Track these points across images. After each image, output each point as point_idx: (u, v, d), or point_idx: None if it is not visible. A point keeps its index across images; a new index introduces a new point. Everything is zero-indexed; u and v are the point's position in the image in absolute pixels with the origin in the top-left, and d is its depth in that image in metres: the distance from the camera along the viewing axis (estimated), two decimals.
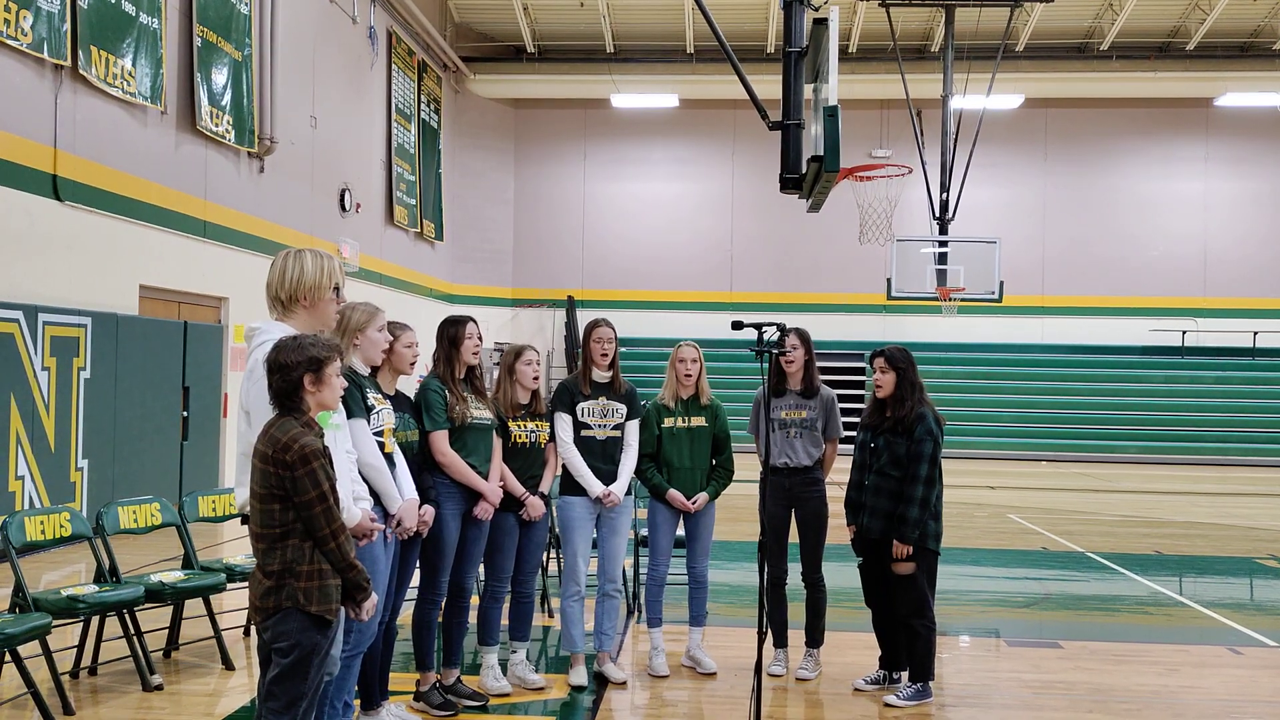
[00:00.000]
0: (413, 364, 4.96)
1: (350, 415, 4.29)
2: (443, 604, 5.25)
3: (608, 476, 5.64)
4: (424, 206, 21.69)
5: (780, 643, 5.95)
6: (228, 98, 13.23)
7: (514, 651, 5.63)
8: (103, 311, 10.46)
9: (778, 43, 22.39)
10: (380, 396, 4.64)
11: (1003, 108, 23.11)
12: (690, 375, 5.87)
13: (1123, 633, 7.43)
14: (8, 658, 4.81)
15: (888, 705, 5.40)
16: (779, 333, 5.29)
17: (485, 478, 5.20)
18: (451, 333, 5.26)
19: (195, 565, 6.13)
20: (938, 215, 18.25)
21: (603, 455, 5.65)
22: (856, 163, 18.93)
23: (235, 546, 9.03)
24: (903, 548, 5.38)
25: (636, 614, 6.99)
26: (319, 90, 16.30)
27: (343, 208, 17.34)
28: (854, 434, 5.80)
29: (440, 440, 5.08)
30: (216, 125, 12.93)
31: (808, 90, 7.17)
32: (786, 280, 24.95)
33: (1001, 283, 18.16)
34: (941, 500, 5.54)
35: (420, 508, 4.76)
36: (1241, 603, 8.64)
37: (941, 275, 18.05)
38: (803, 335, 5.90)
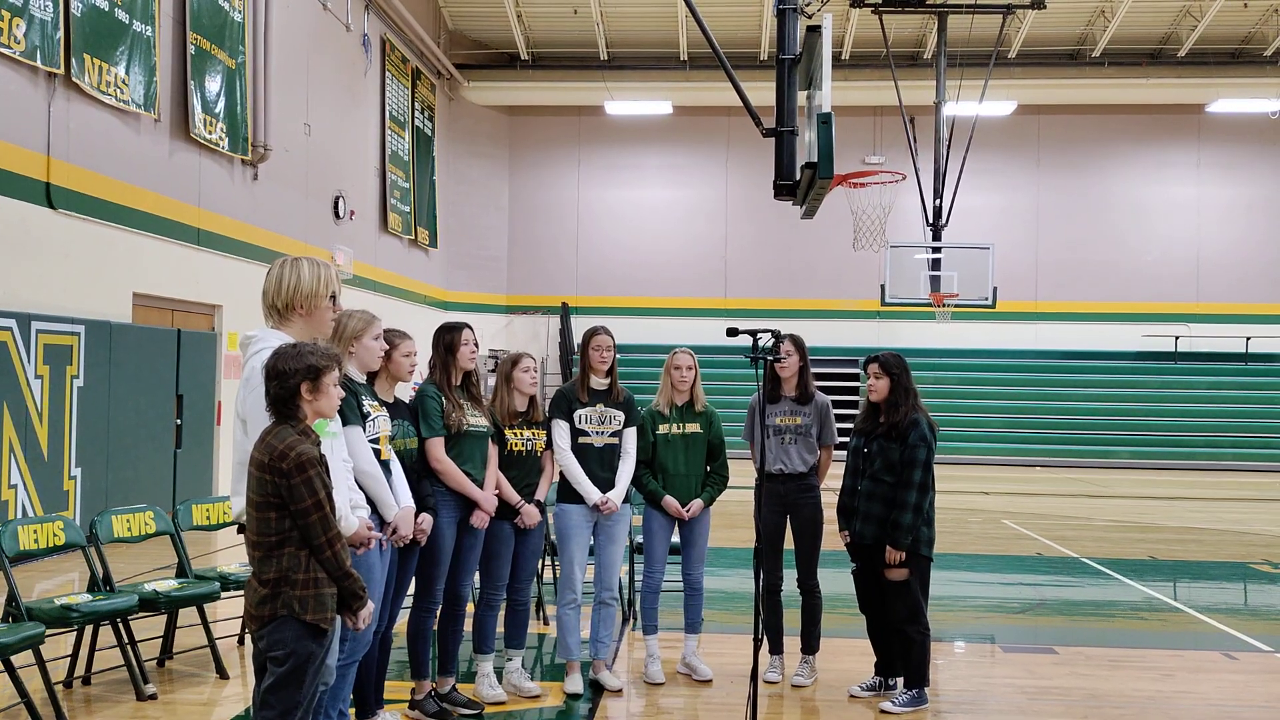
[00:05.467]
0: (411, 372, 4.96)
1: (345, 423, 4.28)
2: (438, 612, 5.24)
3: (605, 484, 5.63)
4: (418, 214, 21.69)
5: (776, 649, 5.94)
6: (221, 105, 13.22)
7: (509, 659, 5.62)
8: (96, 319, 10.43)
9: (771, 50, 22.42)
10: (376, 403, 4.63)
11: (995, 114, 23.18)
12: (685, 381, 5.86)
13: (1117, 638, 7.43)
14: (1, 667, 4.78)
15: (883, 712, 5.40)
16: (773, 339, 5.30)
17: (480, 485, 5.20)
18: (447, 339, 5.25)
19: (189, 574, 6.11)
20: (931, 221, 18.31)
21: (600, 463, 5.64)
22: (850, 169, 19.00)
23: (229, 555, 9.00)
24: (895, 554, 5.38)
25: (632, 621, 6.98)
26: (313, 97, 16.30)
27: (337, 215, 17.33)
28: (848, 439, 5.81)
29: (436, 447, 5.07)
30: (210, 133, 12.92)
31: (801, 97, 7.19)
32: (781, 286, 24.98)
33: (995, 288, 18.22)
34: (934, 506, 5.55)
35: (418, 516, 4.75)
36: (1236, 608, 8.66)
37: (935, 281, 18.11)
38: (797, 341, 5.90)
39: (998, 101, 22.11)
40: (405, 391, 5.19)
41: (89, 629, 5.61)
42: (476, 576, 5.51)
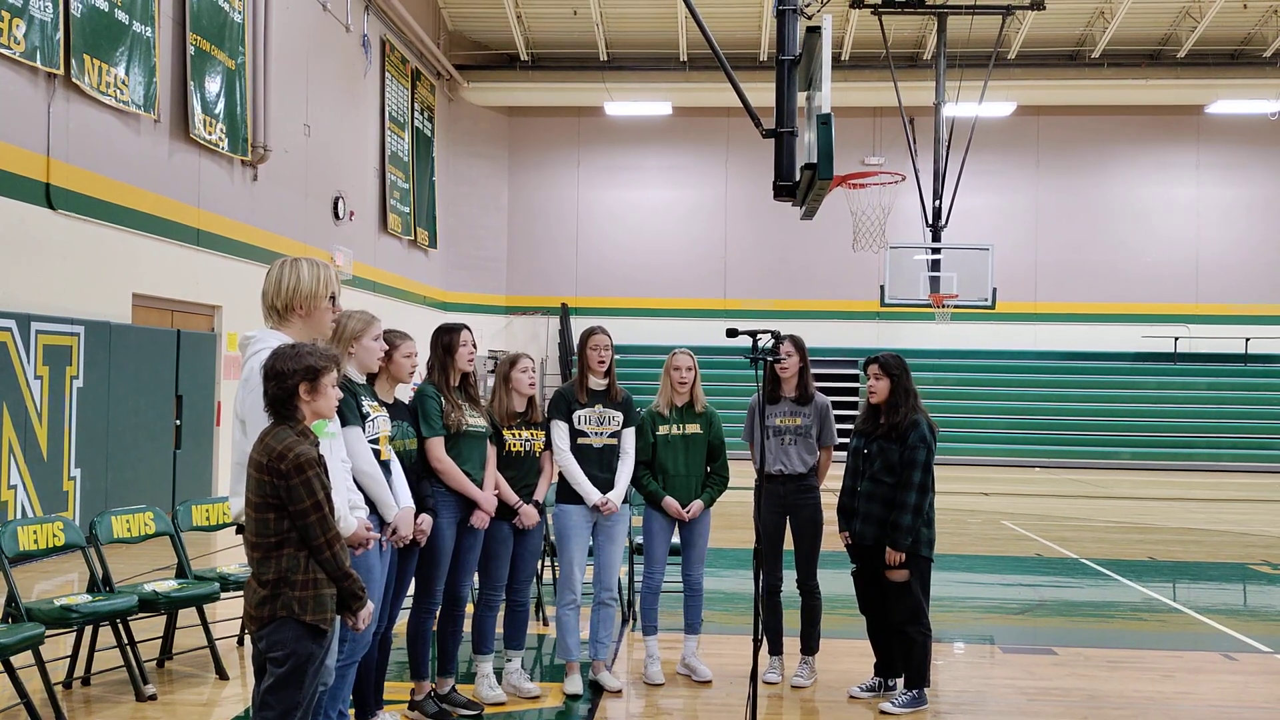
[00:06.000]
0: (411, 373, 4.96)
1: (345, 423, 4.28)
2: (437, 613, 5.24)
3: (604, 484, 5.63)
4: (418, 214, 21.69)
5: (775, 650, 5.94)
6: (221, 106, 13.22)
7: (509, 660, 5.63)
8: (96, 320, 10.43)
9: (771, 50, 22.39)
10: (376, 404, 4.63)
11: (995, 115, 23.19)
12: (685, 382, 5.86)
13: (1117, 639, 7.43)
14: (1, 668, 4.78)
15: (883, 713, 5.40)
16: (773, 340, 5.30)
17: (480, 486, 5.20)
18: (446, 340, 5.26)
19: (189, 574, 6.11)
20: (931, 222, 18.32)
21: (599, 463, 5.64)
22: (849, 170, 19.01)
23: (229, 555, 9.00)
24: (896, 554, 5.38)
25: (632, 622, 6.98)
26: (312, 98, 16.30)
27: (336, 216, 17.33)
28: (848, 440, 5.82)
29: (437, 447, 5.07)
30: (210, 133, 12.92)
31: (801, 98, 7.20)
32: (780, 287, 24.98)
33: (994, 289, 18.23)
34: (934, 507, 5.55)
35: (418, 517, 4.75)
36: (1235, 609, 8.66)
37: (935, 282, 18.12)
38: (797, 342, 5.90)
39: (997, 102, 22.11)
40: (405, 393, 5.19)
41: (89, 629, 5.61)
42: (476, 577, 5.51)
